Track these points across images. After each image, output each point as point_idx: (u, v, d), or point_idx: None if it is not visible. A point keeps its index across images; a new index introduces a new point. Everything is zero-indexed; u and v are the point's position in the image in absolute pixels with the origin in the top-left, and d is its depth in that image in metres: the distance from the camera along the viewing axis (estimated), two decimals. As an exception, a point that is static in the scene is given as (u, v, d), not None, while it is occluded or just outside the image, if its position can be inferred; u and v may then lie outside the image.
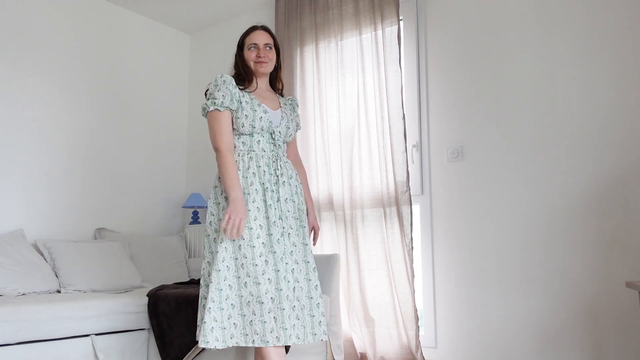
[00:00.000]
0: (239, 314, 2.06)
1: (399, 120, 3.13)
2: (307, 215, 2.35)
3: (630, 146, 2.62)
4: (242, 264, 2.07)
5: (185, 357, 2.62)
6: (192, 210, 4.14)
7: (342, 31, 3.44)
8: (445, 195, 3.12)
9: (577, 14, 2.81)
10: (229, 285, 2.06)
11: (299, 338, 2.10)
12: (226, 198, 2.12)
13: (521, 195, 2.87)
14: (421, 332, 3.09)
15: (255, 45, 2.28)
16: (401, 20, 3.36)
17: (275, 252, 2.11)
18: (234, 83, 2.20)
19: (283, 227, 2.17)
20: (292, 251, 2.16)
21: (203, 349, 2.60)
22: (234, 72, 2.31)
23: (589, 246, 2.67)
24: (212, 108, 2.16)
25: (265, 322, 2.03)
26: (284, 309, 2.06)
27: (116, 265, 3.31)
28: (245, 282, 2.06)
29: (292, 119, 2.35)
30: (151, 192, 4.16)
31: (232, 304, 2.06)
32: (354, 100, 3.34)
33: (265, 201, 2.15)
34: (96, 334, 2.62)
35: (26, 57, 3.47)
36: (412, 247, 3.01)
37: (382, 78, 3.21)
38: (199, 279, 3.36)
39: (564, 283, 2.71)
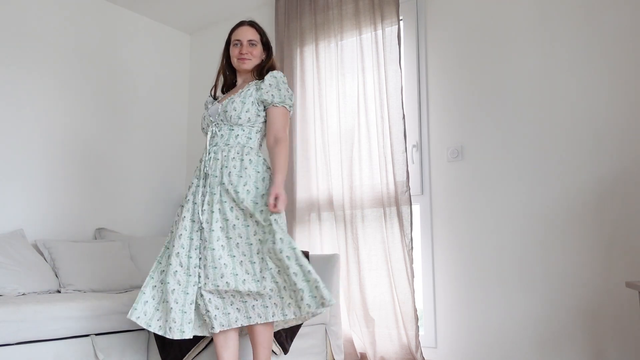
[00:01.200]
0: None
1: (399, 120, 3.13)
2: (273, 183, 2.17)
3: (629, 147, 2.62)
4: (178, 252, 2.23)
5: (185, 357, 2.62)
6: (192, 210, 4.14)
7: (342, 31, 3.44)
8: (445, 195, 3.12)
9: (577, 15, 2.81)
10: (162, 271, 2.30)
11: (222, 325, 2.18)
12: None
13: (521, 195, 2.87)
14: (421, 332, 3.09)
15: (239, 42, 2.28)
16: (401, 20, 3.36)
17: (192, 239, 2.21)
18: (207, 101, 2.42)
19: (201, 222, 2.20)
20: (222, 245, 2.17)
21: (203, 349, 2.60)
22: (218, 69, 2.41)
23: (589, 246, 2.67)
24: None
25: (171, 308, 2.19)
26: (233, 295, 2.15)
27: (116, 265, 3.31)
28: (176, 271, 2.22)
29: (238, 100, 2.23)
30: (151, 192, 4.16)
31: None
32: (354, 100, 3.34)
33: (196, 194, 2.26)
34: (96, 334, 2.62)
35: (26, 57, 3.47)
36: (412, 247, 3.01)
37: (382, 78, 3.21)
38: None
39: (563, 283, 2.71)
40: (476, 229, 2.99)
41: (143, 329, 2.82)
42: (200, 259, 2.18)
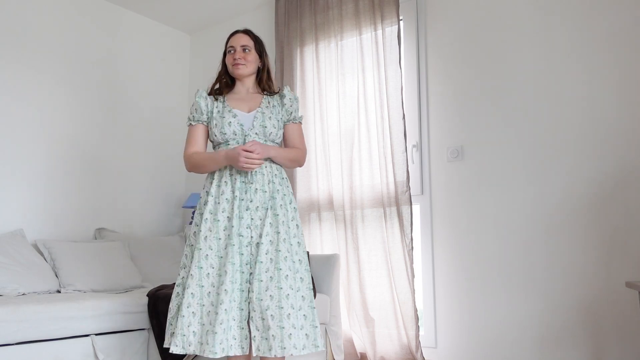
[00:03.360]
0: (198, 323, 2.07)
1: (399, 120, 3.13)
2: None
3: (630, 147, 2.62)
4: (208, 273, 2.10)
5: (185, 357, 2.62)
6: (192, 210, 4.14)
7: (342, 31, 3.44)
8: (445, 195, 3.12)
9: (578, 14, 2.81)
10: (191, 294, 2.09)
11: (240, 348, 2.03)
12: (206, 206, 2.16)
13: (521, 195, 2.87)
14: (421, 332, 3.09)
15: (233, 48, 2.28)
16: (401, 20, 3.36)
17: (234, 263, 2.05)
18: (205, 95, 2.28)
19: (251, 237, 2.09)
20: (262, 261, 2.05)
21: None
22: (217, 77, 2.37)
23: (589, 246, 2.67)
24: (187, 124, 2.30)
25: (216, 332, 1.98)
26: (272, 316, 2.00)
27: (116, 265, 3.31)
28: (209, 292, 2.09)
29: (272, 116, 2.24)
30: (151, 192, 4.16)
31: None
32: (354, 100, 3.34)
33: (233, 210, 2.11)
34: (96, 334, 2.62)
35: (26, 57, 3.47)
36: (412, 247, 3.01)
37: (382, 78, 3.21)
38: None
39: (564, 283, 2.71)
40: (476, 229, 2.99)
41: (143, 329, 2.82)
42: (250, 274, 2.08)
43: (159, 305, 2.77)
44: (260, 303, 2.00)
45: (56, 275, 3.08)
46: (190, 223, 4.07)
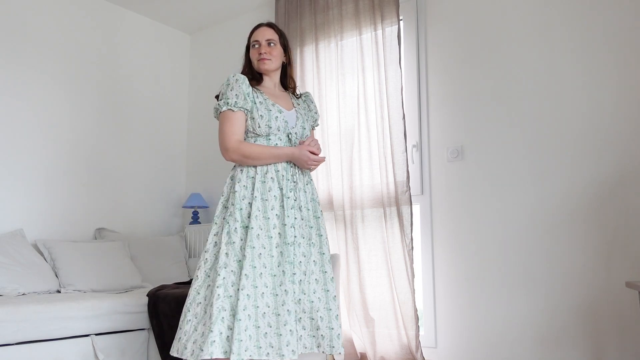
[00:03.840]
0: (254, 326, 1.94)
1: (399, 120, 3.13)
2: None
3: (631, 147, 2.62)
4: (261, 273, 1.98)
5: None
6: (192, 210, 4.14)
7: (342, 31, 3.44)
8: (445, 195, 3.12)
9: (579, 14, 2.81)
10: (247, 295, 1.94)
11: (305, 347, 2.03)
12: (250, 204, 2.04)
13: (521, 195, 2.87)
14: (421, 332, 3.09)
15: (258, 42, 2.22)
16: (401, 20, 3.36)
17: (292, 262, 2.03)
18: (247, 82, 2.13)
19: (295, 236, 2.08)
20: (300, 261, 2.07)
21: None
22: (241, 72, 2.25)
23: (589, 246, 2.67)
24: (224, 108, 2.08)
25: (281, 334, 1.96)
26: (312, 319, 2.03)
27: (116, 265, 3.31)
28: (263, 293, 1.97)
29: (307, 119, 2.26)
30: (151, 193, 4.16)
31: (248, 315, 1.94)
32: (354, 100, 3.34)
33: (283, 207, 2.07)
34: (96, 334, 2.62)
35: (26, 57, 3.47)
36: (412, 247, 3.01)
37: (382, 78, 3.21)
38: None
39: (564, 283, 2.71)
40: (476, 229, 2.99)
41: (143, 329, 2.82)
42: (293, 274, 2.06)
43: (159, 305, 2.77)
44: (311, 305, 2.04)
45: (56, 275, 3.08)
46: (191, 223, 4.07)
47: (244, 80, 2.12)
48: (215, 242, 2.05)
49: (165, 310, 2.74)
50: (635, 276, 2.53)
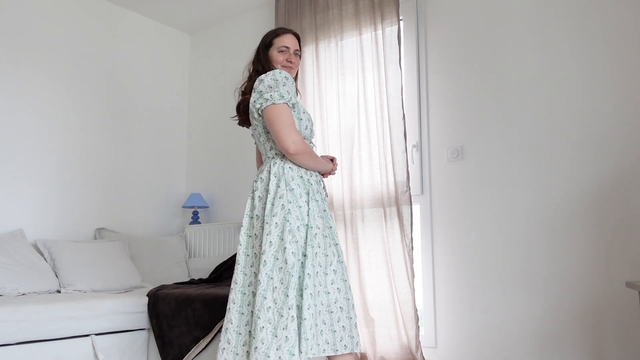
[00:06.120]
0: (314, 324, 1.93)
1: (399, 120, 3.13)
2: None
3: (631, 147, 2.62)
4: (317, 272, 1.97)
5: (185, 357, 2.62)
6: (192, 210, 4.14)
7: (342, 31, 3.44)
8: (445, 195, 3.12)
9: (579, 15, 2.81)
10: (310, 294, 1.92)
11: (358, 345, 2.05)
12: (307, 202, 2.02)
13: (521, 195, 2.87)
14: (421, 332, 3.09)
15: (287, 49, 2.18)
16: (401, 20, 3.36)
17: (342, 261, 2.07)
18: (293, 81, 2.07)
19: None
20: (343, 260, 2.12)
21: (203, 349, 2.60)
22: (252, 68, 2.20)
23: (589, 246, 2.67)
24: (281, 101, 1.97)
25: (335, 331, 1.99)
26: (350, 318, 2.03)
27: (116, 265, 3.31)
28: (318, 291, 1.97)
29: None
30: (151, 192, 4.16)
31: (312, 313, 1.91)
32: (354, 100, 3.34)
33: (326, 210, 2.10)
34: (96, 334, 2.62)
35: (26, 57, 3.47)
36: (412, 247, 3.01)
37: (382, 78, 3.21)
38: (199, 279, 3.37)
39: (564, 283, 2.71)
40: (476, 229, 2.99)
41: (143, 329, 2.83)
42: (344, 273, 2.10)
43: (159, 305, 2.78)
44: (347, 302, 2.07)
45: (56, 275, 3.08)
46: (191, 223, 4.08)
47: (291, 78, 2.06)
48: (271, 242, 1.93)
49: (165, 310, 2.74)
50: (635, 276, 2.53)
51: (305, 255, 1.93)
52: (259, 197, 2.04)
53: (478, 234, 2.98)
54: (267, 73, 2.04)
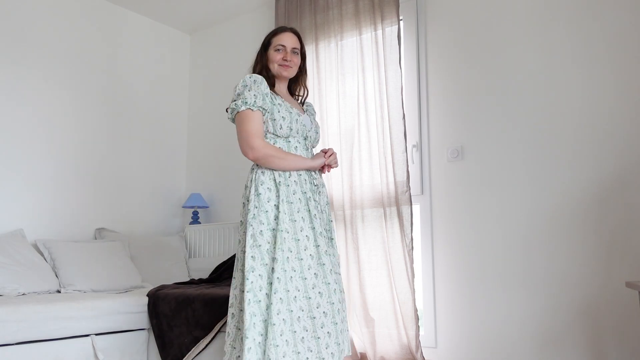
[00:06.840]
0: (289, 330, 1.91)
1: (399, 120, 3.13)
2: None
3: (631, 147, 2.62)
4: (291, 277, 1.95)
5: (185, 357, 2.62)
6: (192, 210, 4.14)
7: (342, 31, 3.44)
8: (445, 195, 3.12)
9: (579, 14, 2.81)
10: (280, 299, 1.90)
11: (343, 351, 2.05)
12: (276, 206, 2.02)
13: (521, 195, 2.87)
14: (421, 332, 3.09)
15: (283, 48, 2.17)
16: (401, 20, 3.36)
17: (324, 264, 2.02)
18: (266, 83, 2.08)
19: (331, 238, 2.12)
20: (328, 263, 2.07)
21: (203, 349, 2.60)
22: (251, 71, 2.20)
23: (590, 246, 2.67)
24: (243, 107, 2.02)
25: (318, 337, 1.94)
26: (336, 323, 2.00)
27: (116, 265, 3.31)
28: (295, 296, 1.93)
29: (317, 126, 2.29)
30: (151, 192, 4.16)
31: (283, 319, 1.90)
32: (354, 100, 3.34)
33: (309, 211, 2.06)
34: (96, 334, 2.62)
35: (26, 57, 3.47)
36: (412, 247, 3.01)
37: (382, 78, 3.21)
38: (199, 279, 3.37)
39: (564, 283, 2.71)
40: (476, 229, 2.99)
41: (143, 329, 2.83)
42: (326, 276, 2.07)
43: (159, 305, 2.78)
44: (332, 307, 2.04)
45: (56, 275, 3.08)
46: (191, 223, 4.08)
47: (262, 81, 2.08)
48: (243, 248, 2.02)
49: (165, 310, 2.74)
50: (635, 276, 2.53)
51: (274, 260, 1.93)
52: (243, 203, 2.12)
53: (478, 234, 2.98)
54: (244, 77, 2.08)
